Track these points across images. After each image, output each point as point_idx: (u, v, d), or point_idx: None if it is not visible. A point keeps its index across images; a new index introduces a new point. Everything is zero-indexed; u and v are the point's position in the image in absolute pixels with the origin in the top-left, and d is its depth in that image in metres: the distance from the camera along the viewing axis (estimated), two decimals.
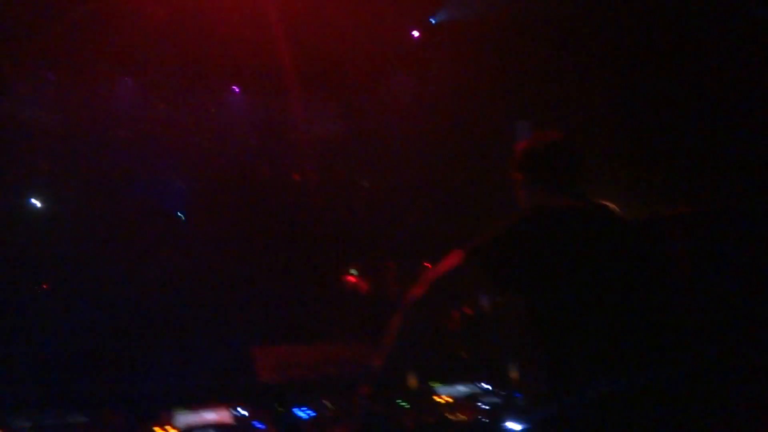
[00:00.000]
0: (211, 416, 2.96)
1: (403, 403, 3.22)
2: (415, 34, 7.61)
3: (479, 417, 3.15)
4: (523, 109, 7.42)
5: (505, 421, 3.13)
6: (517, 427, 3.05)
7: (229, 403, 3.08)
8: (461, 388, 3.58)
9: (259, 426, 2.84)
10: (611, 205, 2.42)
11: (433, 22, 7.18)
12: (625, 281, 2.10)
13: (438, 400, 3.38)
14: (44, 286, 5.64)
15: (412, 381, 3.40)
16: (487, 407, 3.25)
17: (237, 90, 8.22)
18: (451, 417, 3.13)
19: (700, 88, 5.22)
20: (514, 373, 3.63)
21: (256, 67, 7.55)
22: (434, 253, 2.28)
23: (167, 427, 2.78)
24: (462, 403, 3.32)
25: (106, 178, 7.01)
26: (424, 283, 2.15)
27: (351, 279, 7.99)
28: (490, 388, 3.56)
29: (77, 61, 6.65)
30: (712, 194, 4.86)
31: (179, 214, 7.49)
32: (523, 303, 2.16)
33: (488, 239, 2.13)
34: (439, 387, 3.58)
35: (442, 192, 7.79)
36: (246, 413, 2.99)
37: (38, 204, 6.75)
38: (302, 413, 2.95)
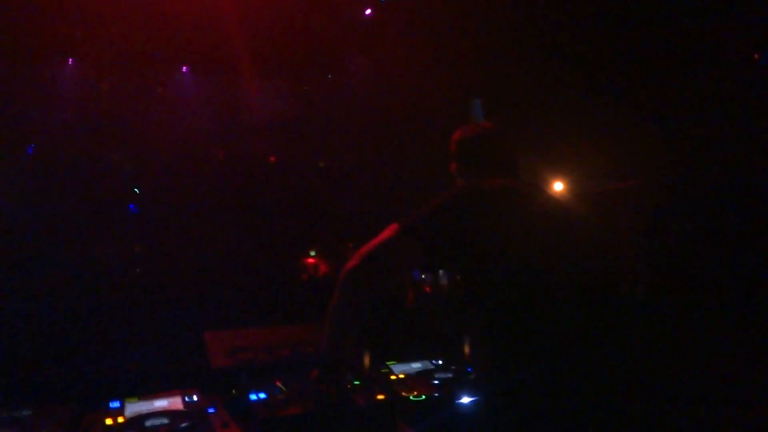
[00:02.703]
0: (161, 403, 2.93)
1: (356, 382, 3.25)
2: (367, 12, 7.53)
3: (432, 392, 3.20)
4: (476, 87, 7.46)
5: (456, 396, 3.19)
6: (467, 400, 3.12)
7: (181, 389, 3.05)
8: (415, 365, 3.63)
9: (211, 411, 2.83)
10: (541, 184, 2.51)
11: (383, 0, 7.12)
12: (556, 257, 2.17)
13: (391, 377, 3.42)
14: None
15: (366, 360, 3.43)
16: (439, 383, 3.31)
17: (187, 70, 8.01)
18: (403, 393, 3.18)
19: (656, 61, 5.31)
20: (465, 348, 3.69)
21: (207, 47, 7.36)
22: None
23: (117, 418, 2.75)
24: (415, 379, 3.37)
25: (54, 163, 6.77)
26: (358, 255, 2.19)
27: (310, 261, 7.97)
28: (442, 363, 3.62)
29: (20, 40, 6.37)
30: (663, 168, 4.99)
31: (135, 190, 7.30)
32: (458, 278, 2.21)
33: (422, 213, 2.19)
34: (393, 365, 3.62)
35: (399, 171, 7.81)
36: (197, 398, 2.97)
37: None
38: (254, 396, 2.95)
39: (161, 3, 6.38)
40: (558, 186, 6.57)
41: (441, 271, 6.26)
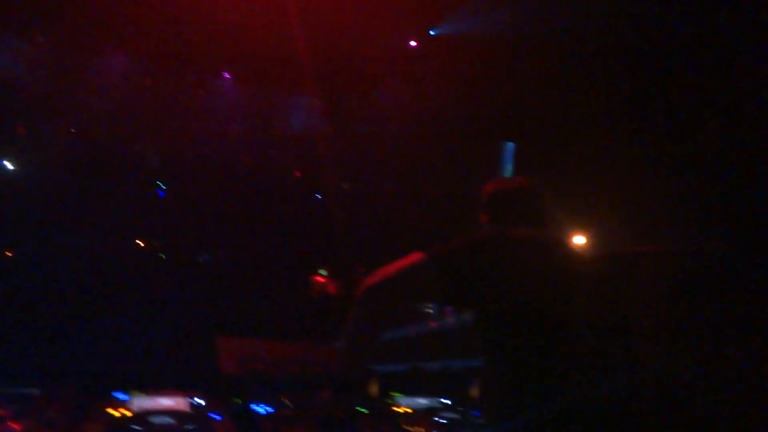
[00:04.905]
0: (167, 402, 2.91)
1: (363, 410, 3.21)
2: (413, 43, 7.62)
3: (435, 430, 3.16)
4: (509, 131, 7.50)
5: None
6: None
7: (187, 390, 3.03)
8: (421, 401, 3.59)
9: (215, 417, 2.80)
10: (568, 239, 2.54)
11: (432, 34, 7.21)
12: (569, 307, 2.17)
13: (397, 410, 3.38)
14: (8, 254, 5.45)
15: (374, 388, 3.39)
16: (445, 422, 3.27)
17: (228, 76, 8.12)
18: (408, 428, 3.14)
19: (694, 119, 5.31)
20: (474, 391, 3.64)
21: (253, 58, 7.48)
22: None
23: (120, 409, 2.73)
24: (420, 415, 3.33)
25: (84, 147, 6.84)
26: (379, 274, 2.20)
27: (320, 279, 7.94)
28: (450, 403, 3.58)
29: (70, 26, 6.48)
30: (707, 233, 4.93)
31: (159, 186, 7.33)
32: (475, 318, 2.23)
33: (448, 247, 2.22)
34: (399, 397, 3.59)
35: (421, 203, 7.81)
36: (203, 402, 2.95)
37: (10, 167, 6.55)
38: (260, 408, 2.92)
39: (216, 10, 6.51)
40: (579, 240, 6.54)
41: (448, 309, 6.21)
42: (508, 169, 7.45)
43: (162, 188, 7.22)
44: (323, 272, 8.37)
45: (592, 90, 6.02)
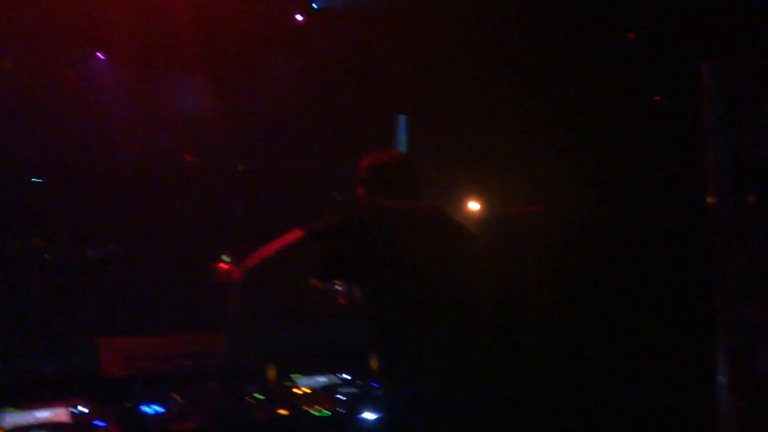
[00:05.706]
0: (44, 415, 2.72)
1: (259, 396, 3.17)
2: (299, 18, 7.45)
3: (336, 408, 3.18)
4: (402, 104, 7.57)
5: (361, 411, 3.19)
6: (372, 416, 3.12)
7: (68, 399, 2.85)
8: (321, 379, 3.60)
9: (100, 424, 2.66)
10: (440, 208, 2.66)
11: (316, 7, 7.08)
12: (449, 274, 2.27)
13: (296, 391, 3.37)
14: None
15: (271, 372, 3.36)
16: (345, 398, 3.30)
17: (103, 57, 7.60)
18: (307, 408, 3.14)
19: (583, 89, 5.58)
20: (373, 363, 3.70)
21: (129, 37, 7.03)
22: None
23: None
24: (320, 394, 3.34)
25: None
26: (257, 256, 2.18)
27: (223, 266, 7.70)
28: (350, 378, 3.61)
29: None
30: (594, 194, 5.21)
31: (36, 179, 6.78)
32: (360, 290, 2.26)
33: (326, 222, 2.24)
34: (299, 378, 3.58)
35: (319, 182, 7.76)
36: (86, 410, 2.79)
37: None
38: (149, 409, 2.80)
39: None
40: (474, 206, 6.74)
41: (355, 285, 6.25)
42: (402, 142, 7.54)
43: (39, 180, 6.68)
44: (226, 258, 8.12)
45: (483, 59, 6.17)
